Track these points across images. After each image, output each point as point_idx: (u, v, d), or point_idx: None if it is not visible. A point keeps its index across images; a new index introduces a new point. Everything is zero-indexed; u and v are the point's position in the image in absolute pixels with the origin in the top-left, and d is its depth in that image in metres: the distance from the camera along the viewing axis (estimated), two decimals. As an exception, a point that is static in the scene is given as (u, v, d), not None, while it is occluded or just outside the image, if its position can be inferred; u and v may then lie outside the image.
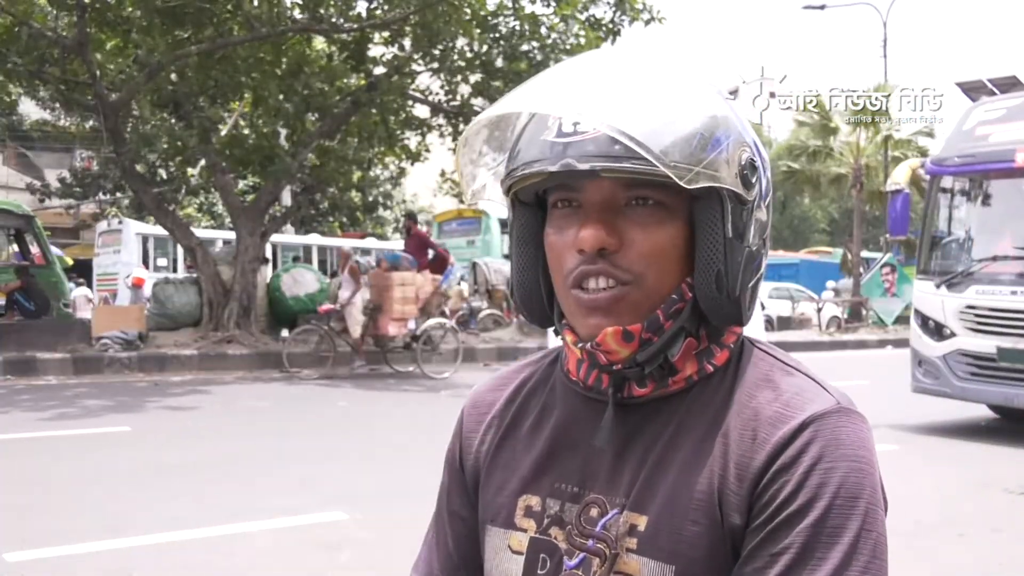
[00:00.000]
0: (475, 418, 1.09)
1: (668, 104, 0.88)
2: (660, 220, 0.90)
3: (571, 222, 0.92)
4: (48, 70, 13.74)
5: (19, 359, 11.91)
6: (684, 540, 0.88)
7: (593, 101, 0.85)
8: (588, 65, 0.94)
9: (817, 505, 0.84)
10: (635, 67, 0.93)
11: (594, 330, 0.91)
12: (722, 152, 0.88)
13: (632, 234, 0.89)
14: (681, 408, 0.94)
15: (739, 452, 0.89)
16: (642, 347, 0.91)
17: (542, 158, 0.89)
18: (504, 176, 0.96)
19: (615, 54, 0.97)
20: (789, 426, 0.87)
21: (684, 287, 0.92)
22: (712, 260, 0.90)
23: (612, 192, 0.90)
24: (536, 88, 0.91)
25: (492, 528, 1.01)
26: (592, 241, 0.88)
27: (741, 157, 0.90)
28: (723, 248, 0.90)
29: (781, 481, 0.86)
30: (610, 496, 0.94)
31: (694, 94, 0.91)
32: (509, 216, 1.01)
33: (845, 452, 0.86)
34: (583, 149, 0.86)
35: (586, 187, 0.90)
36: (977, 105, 9.22)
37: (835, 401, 0.90)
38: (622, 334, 0.90)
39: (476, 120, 0.95)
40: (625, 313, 0.90)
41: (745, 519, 0.87)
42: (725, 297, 0.91)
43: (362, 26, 14.06)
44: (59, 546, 4.72)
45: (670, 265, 0.91)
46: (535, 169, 0.90)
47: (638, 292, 0.90)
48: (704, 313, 0.93)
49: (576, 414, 0.99)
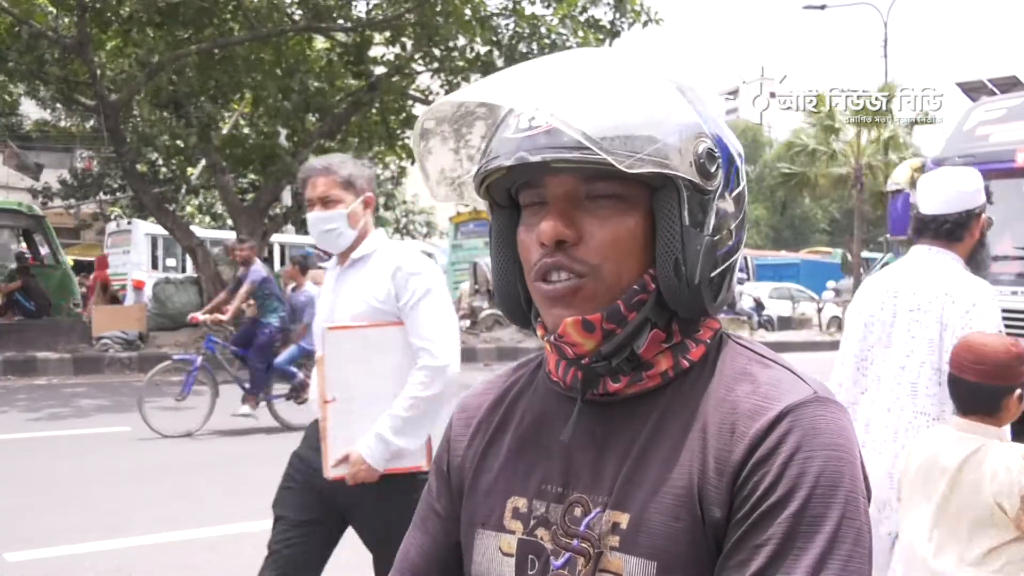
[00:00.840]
0: (462, 423, 1.10)
1: (617, 96, 0.89)
2: (619, 212, 0.91)
3: (537, 218, 0.93)
4: (49, 70, 13.74)
5: (19, 359, 11.91)
6: (665, 536, 0.88)
7: (544, 95, 0.87)
8: (548, 63, 0.95)
9: (797, 495, 0.84)
10: (592, 63, 0.95)
11: (557, 320, 0.92)
12: (672, 141, 0.88)
13: (590, 226, 0.91)
14: (659, 404, 0.94)
15: (718, 446, 0.89)
16: (606, 339, 0.92)
17: (501, 154, 0.91)
18: (474, 177, 0.97)
19: (580, 54, 0.97)
20: (766, 417, 0.87)
21: (647, 278, 0.92)
22: (670, 249, 0.90)
23: (573, 185, 0.91)
24: (493, 82, 0.92)
25: (483, 531, 1.01)
26: (551, 233, 0.90)
27: (697, 147, 0.90)
28: (680, 236, 0.90)
29: (760, 473, 0.86)
30: (593, 495, 0.94)
31: (646, 87, 0.92)
32: (489, 218, 1.03)
33: (823, 441, 0.86)
34: (536, 142, 0.88)
35: (548, 182, 0.92)
36: (977, 105, 9.21)
37: (812, 391, 0.90)
38: (582, 324, 0.91)
39: (427, 110, 0.98)
40: (584, 303, 0.91)
41: (726, 513, 0.87)
42: (684, 286, 0.91)
43: (362, 25, 14.06)
44: (59, 546, 4.73)
45: (629, 256, 0.91)
46: (494, 165, 0.92)
47: (595, 283, 0.91)
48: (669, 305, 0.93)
49: (555, 413, 1.00)
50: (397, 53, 14.89)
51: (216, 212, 26.70)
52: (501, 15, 14.17)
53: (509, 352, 14.73)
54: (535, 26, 14.22)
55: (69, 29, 13.42)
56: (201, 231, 18.11)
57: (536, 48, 14.23)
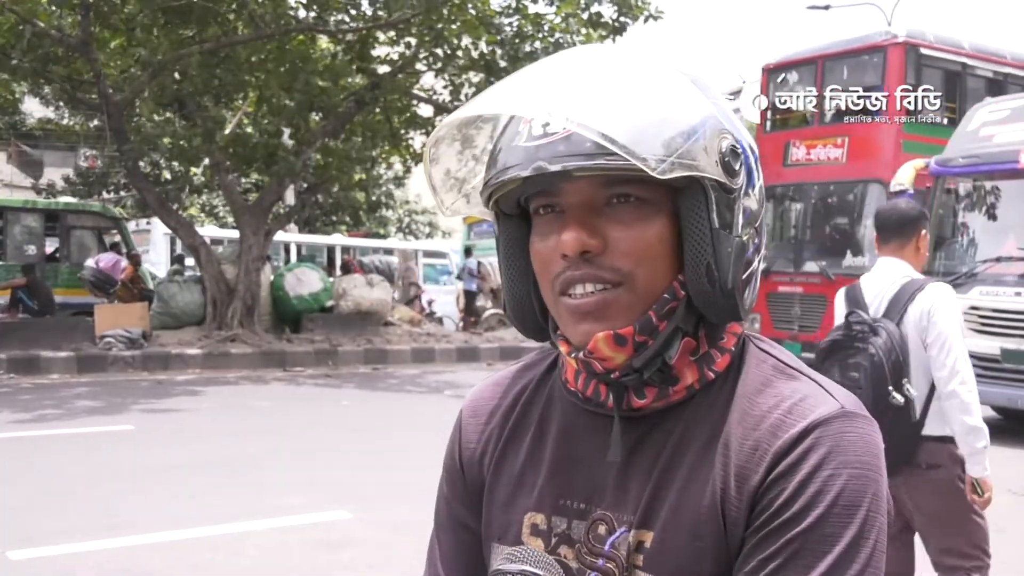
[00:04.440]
0: (474, 427, 1.05)
1: (637, 96, 0.84)
2: (644, 216, 0.87)
3: (554, 227, 0.89)
4: (52, 69, 13.76)
5: (23, 357, 11.92)
6: (689, 555, 0.86)
7: (559, 99, 0.82)
8: (556, 65, 0.91)
9: (813, 512, 0.82)
10: (603, 63, 0.90)
11: (585, 337, 0.88)
12: (698, 140, 0.84)
13: (615, 233, 0.86)
14: (683, 418, 0.91)
15: (739, 463, 0.86)
16: (637, 351, 0.88)
17: (515, 164, 0.86)
18: (482, 187, 0.93)
19: (585, 52, 0.93)
20: (790, 434, 0.85)
21: (676, 285, 0.88)
22: (701, 253, 0.86)
23: (591, 192, 0.87)
24: (501, 91, 0.88)
25: (499, 546, 0.98)
26: (573, 244, 0.85)
27: (721, 144, 0.86)
28: (710, 240, 0.86)
29: (779, 488, 0.84)
30: (617, 513, 0.91)
31: (665, 84, 0.87)
32: (495, 229, 0.99)
33: (848, 459, 0.83)
34: (554, 150, 0.83)
35: (564, 190, 0.87)
36: (981, 106, 9.21)
37: (839, 405, 0.86)
38: (613, 338, 0.87)
39: (441, 125, 0.93)
40: (615, 316, 0.87)
41: (745, 530, 0.85)
42: (718, 291, 0.87)
43: (367, 27, 14.07)
44: (62, 545, 4.73)
45: (659, 262, 0.87)
46: (509, 176, 0.87)
47: (628, 293, 0.87)
48: (700, 311, 0.89)
49: (577, 427, 0.97)
50: (401, 52, 14.90)
51: (218, 213, 26.74)
52: (504, 14, 14.17)
53: (512, 351, 14.74)
54: (538, 24, 14.22)
55: (73, 28, 13.44)
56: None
57: (539, 47, 14.23)
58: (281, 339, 14.24)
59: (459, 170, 1.00)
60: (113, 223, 16.40)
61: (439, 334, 16.44)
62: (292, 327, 14.86)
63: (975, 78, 11.62)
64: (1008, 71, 11.85)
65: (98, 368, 12.16)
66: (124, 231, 16.28)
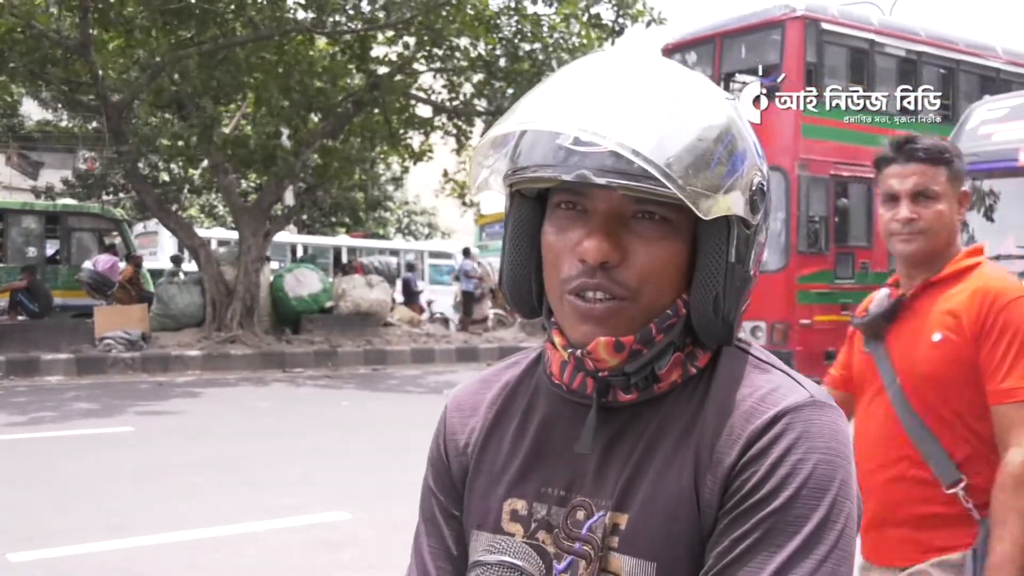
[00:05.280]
0: (458, 420, 1.07)
1: (686, 121, 0.85)
2: (664, 236, 0.89)
3: (574, 225, 0.90)
4: (51, 71, 13.76)
5: (22, 359, 11.92)
6: (664, 537, 0.88)
7: (609, 117, 0.83)
8: (598, 73, 0.91)
9: (783, 494, 0.84)
10: (646, 76, 0.90)
11: (586, 338, 0.90)
12: (739, 178, 0.87)
13: (635, 247, 0.88)
14: (663, 409, 0.94)
15: (714, 447, 0.89)
16: (631, 358, 0.91)
17: (555, 164, 0.87)
18: (510, 173, 0.94)
19: (625, 60, 0.92)
20: (762, 419, 0.88)
21: (680, 303, 0.92)
22: (712, 283, 0.90)
23: (620, 204, 0.88)
24: (548, 101, 0.88)
25: (480, 533, 1.00)
26: (595, 254, 0.87)
27: (753, 182, 0.89)
28: (724, 272, 0.89)
29: (750, 471, 0.86)
30: (596, 499, 0.93)
31: (710, 108, 0.88)
32: (506, 207, 1.00)
33: (816, 444, 0.86)
34: (600, 163, 0.84)
35: (594, 195, 0.89)
36: (980, 104, 9.21)
37: (809, 395, 0.90)
38: (614, 345, 0.90)
39: (487, 136, 0.92)
40: (619, 326, 0.90)
41: (718, 512, 0.88)
42: (720, 320, 0.91)
43: (365, 27, 14.07)
44: (62, 546, 4.73)
45: (668, 282, 0.90)
46: (548, 175, 0.88)
47: (634, 307, 0.90)
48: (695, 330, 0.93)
49: (560, 418, 0.99)
50: (399, 52, 14.90)
51: (217, 213, 26.73)
52: (503, 14, 14.18)
53: (511, 351, 14.70)
54: (538, 24, 14.23)
55: (71, 30, 13.44)
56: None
57: (539, 47, 14.24)
58: (281, 340, 14.25)
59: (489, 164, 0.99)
60: (113, 225, 16.45)
61: (439, 334, 16.45)
62: (292, 328, 14.86)
63: (885, 57, 10.85)
64: (922, 50, 11.06)
65: (98, 370, 12.16)
66: (124, 232, 16.31)
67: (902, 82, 10.72)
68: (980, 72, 11.55)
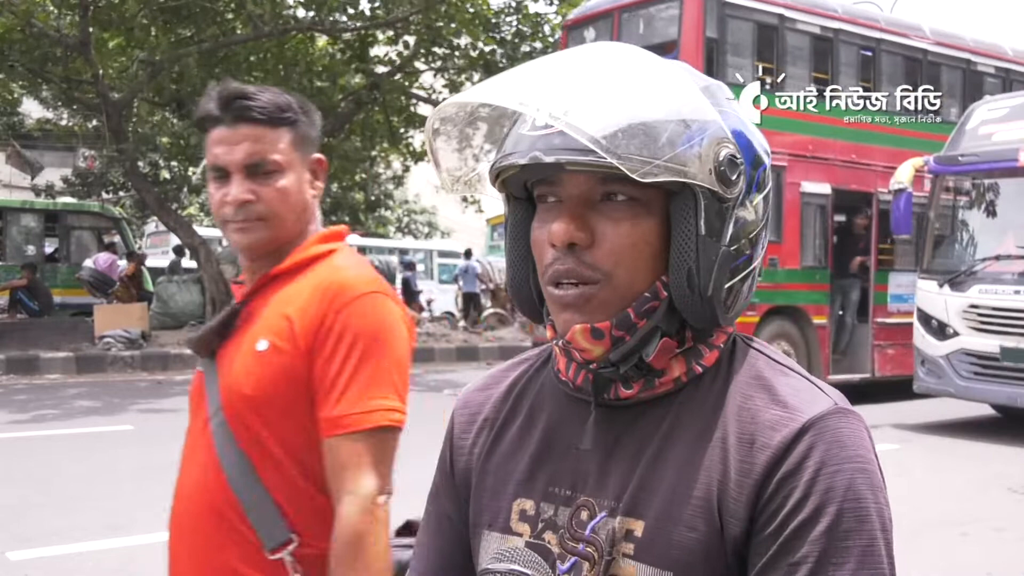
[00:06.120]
0: (465, 419, 1.07)
1: (634, 96, 0.86)
2: (633, 216, 0.88)
3: (551, 216, 0.91)
4: (51, 69, 13.75)
5: (22, 358, 11.92)
6: (682, 546, 0.87)
7: (555, 95, 0.84)
8: (563, 61, 0.92)
9: (828, 511, 0.83)
10: (611, 63, 0.91)
11: (566, 326, 0.90)
12: (692, 147, 0.85)
13: (604, 229, 0.88)
14: (671, 409, 0.93)
15: (738, 458, 0.87)
16: (615, 345, 0.90)
17: (516, 151, 0.89)
18: (489, 169, 0.96)
19: (595, 50, 0.94)
20: (789, 429, 0.86)
21: (659, 285, 0.90)
22: (684, 258, 0.88)
23: (588, 187, 0.89)
24: (503, 81, 0.90)
25: (490, 533, 0.99)
26: (562, 235, 0.88)
27: (719, 153, 0.87)
28: (695, 246, 0.88)
29: (788, 488, 0.84)
30: (599, 499, 0.92)
31: (667, 88, 0.88)
32: (504, 210, 1.01)
33: (848, 454, 0.85)
34: (550, 142, 0.86)
35: (564, 181, 0.90)
36: (980, 104, 9.21)
37: (832, 402, 0.88)
38: (591, 331, 0.89)
39: (435, 110, 0.95)
40: (594, 311, 0.89)
41: (746, 526, 0.86)
42: (697, 296, 0.89)
43: (365, 26, 14.06)
44: (62, 545, 4.73)
45: (642, 263, 0.89)
46: (508, 162, 0.90)
47: (607, 290, 0.89)
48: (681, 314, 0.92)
49: (564, 415, 0.98)
50: (399, 51, 14.90)
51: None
52: (504, 13, 14.17)
53: (511, 351, 14.73)
54: (538, 24, 14.22)
55: (71, 28, 13.44)
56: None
57: (540, 47, 14.23)
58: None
59: (459, 168, 1.02)
60: (113, 223, 16.44)
61: (439, 334, 16.44)
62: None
63: (797, 34, 10.02)
64: (839, 26, 10.28)
65: (97, 368, 12.15)
66: (124, 231, 16.31)
67: (816, 62, 10.15)
68: (904, 53, 10.78)
